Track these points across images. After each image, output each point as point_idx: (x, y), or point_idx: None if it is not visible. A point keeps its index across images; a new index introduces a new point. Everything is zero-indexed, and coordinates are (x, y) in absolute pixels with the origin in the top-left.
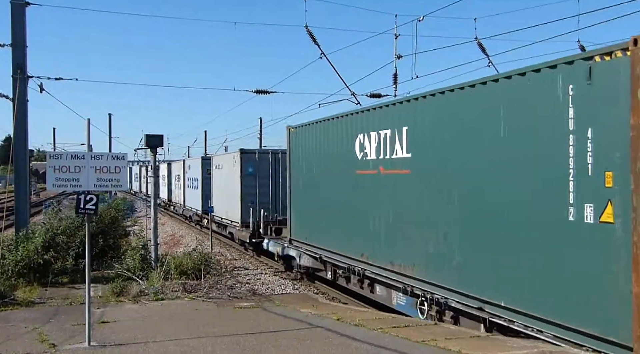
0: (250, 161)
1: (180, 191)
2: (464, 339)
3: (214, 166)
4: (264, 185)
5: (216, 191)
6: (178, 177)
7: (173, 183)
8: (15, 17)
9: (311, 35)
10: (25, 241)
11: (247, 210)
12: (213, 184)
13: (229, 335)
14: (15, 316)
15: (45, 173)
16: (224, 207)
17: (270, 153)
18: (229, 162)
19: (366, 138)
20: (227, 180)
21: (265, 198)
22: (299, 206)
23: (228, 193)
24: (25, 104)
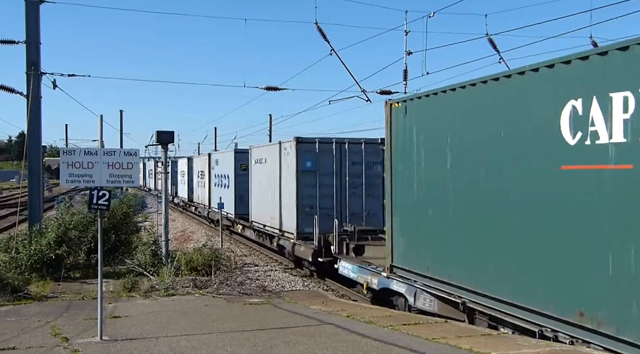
0: (309, 153)
1: (204, 191)
2: (475, 337)
3: (253, 160)
4: (326, 185)
5: (256, 192)
6: (201, 173)
7: (195, 180)
8: (29, 15)
9: (321, 31)
10: (39, 236)
11: (305, 218)
12: (252, 182)
13: (239, 331)
14: (28, 310)
15: (57, 168)
16: (268, 212)
17: (335, 143)
18: (275, 155)
19: (596, 107)
20: (273, 178)
21: (328, 202)
22: (409, 217)
23: (274, 194)
24: (39, 101)
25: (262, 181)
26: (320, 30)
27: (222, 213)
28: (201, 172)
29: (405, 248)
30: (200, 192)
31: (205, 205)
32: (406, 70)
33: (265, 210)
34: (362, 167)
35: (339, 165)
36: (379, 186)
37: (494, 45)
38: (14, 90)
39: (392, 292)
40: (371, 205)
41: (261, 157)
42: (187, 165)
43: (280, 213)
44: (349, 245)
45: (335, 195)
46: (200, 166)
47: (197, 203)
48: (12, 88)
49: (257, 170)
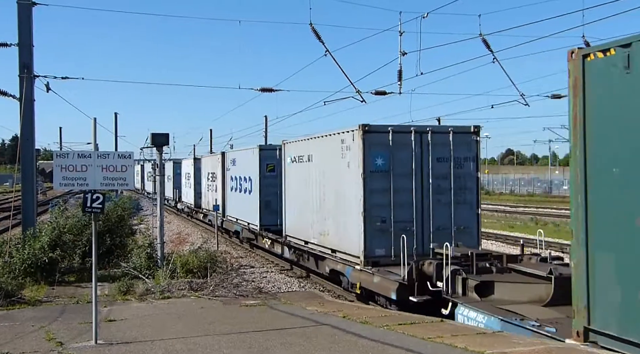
0: (380, 147)
1: (216, 196)
2: (470, 336)
3: (289, 158)
4: (404, 191)
5: (294, 198)
6: (212, 176)
7: (204, 184)
8: (22, 17)
9: (316, 32)
10: (33, 240)
11: (376, 235)
12: (287, 186)
13: (236, 333)
14: (22, 315)
15: (51, 172)
16: (313, 225)
17: (414, 133)
18: (327, 150)
19: None
20: (322, 180)
21: (406, 213)
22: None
23: (323, 201)
24: (32, 104)
25: (303, 184)
26: (314, 31)
27: (241, 222)
28: (212, 174)
29: (626, 299)
30: (211, 198)
31: (218, 213)
32: (401, 71)
33: (308, 222)
34: (449, 164)
35: (419, 163)
36: (473, 191)
37: (488, 45)
38: (6, 93)
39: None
40: (462, 216)
41: (302, 154)
42: (193, 166)
43: (334, 227)
44: (466, 281)
45: (415, 203)
46: (211, 167)
47: (206, 209)
48: (5, 92)
49: (295, 171)
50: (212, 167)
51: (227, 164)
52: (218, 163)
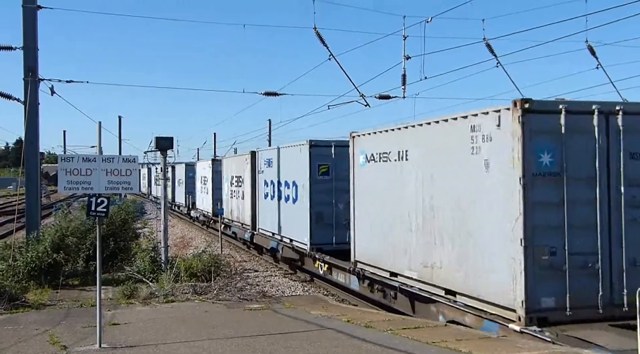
0: (546, 135)
1: (243, 205)
2: (474, 340)
3: (361, 156)
4: (582, 204)
5: (368, 212)
6: (237, 180)
7: (225, 189)
8: (27, 21)
9: (320, 37)
10: (36, 243)
11: (543, 275)
12: (358, 194)
13: (240, 337)
14: (26, 319)
15: (55, 175)
16: (401, 248)
17: (597, 114)
18: (436, 141)
19: None
20: (421, 186)
21: (588, 240)
22: None
23: (420, 217)
24: (37, 107)
25: (388, 192)
26: (318, 35)
27: (280, 238)
28: (237, 178)
29: None
30: (236, 206)
31: (246, 225)
32: (405, 75)
33: (399, 245)
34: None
35: (604, 160)
36: None
37: (492, 50)
38: (11, 97)
39: None
40: None
41: (388, 150)
42: (211, 169)
43: (454, 257)
44: None
45: (601, 224)
46: (236, 169)
47: (229, 220)
48: (10, 95)
49: (373, 174)
50: (237, 169)
51: (260, 165)
52: (246, 164)
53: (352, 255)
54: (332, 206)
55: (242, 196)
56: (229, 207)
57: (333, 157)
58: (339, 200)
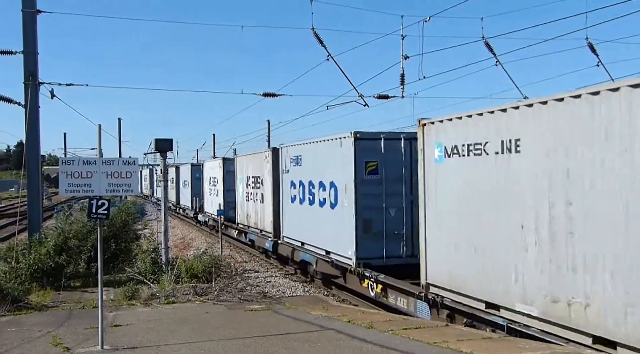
0: None
1: (263, 210)
2: (476, 340)
3: (437, 149)
4: None
5: (449, 222)
6: (254, 181)
7: (240, 191)
8: (27, 25)
9: (318, 37)
10: (38, 245)
11: None
12: (431, 198)
13: (240, 338)
14: (29, 320)
15: (56, 177)
16: (509, 272)
17: None
18: (574, 126)
19: None
20: (547, 186)
21: None
22: None
23: (546, 230)
24: (37, 110)
25: (482, 195)
26: (316, 36)
27: (315, 249)
28: (254, 179)
29: None
30: (253, 210)
31: (266, 232)
32: (403, 75)
33: (509, 270)
34: None
35: None
36: None
37: (490, 48)
38: (11, 101)
39: None
40: None
41: (480, 140)
42: (222, 169)
43: (624, 293)
44: None
45: None
46: (252, 169)
47: (244, 225)
48: (10, 99)
49: (456, 171)
50: (254, 168)
51: (284, 164)
52: (266, 163)
53: (423, 275)
54: (382, 212)
55: (262, 199)
56: (244, 211)
57: (382, 152)
58: (390, 205)
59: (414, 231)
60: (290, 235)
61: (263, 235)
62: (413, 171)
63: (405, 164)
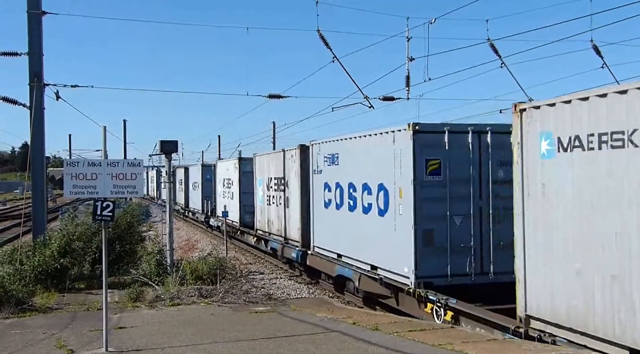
0: None
1: (288, 215)
2: (481, 342)
3: (544, 140)
4: None
5: (568, 238)
6: (279, 183)
7: (259, 194)
8: (32, 27)
9: (323, 39)
10: (43, 247)
11: None
12: (535, 204)
13: (245, 340)
14: (33, 322)
15: (61, 179)
16: None
17: None
18: None
19: None
20: None
21: None
22: None
23: None
24: (42, 112)
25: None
26: (322, 38)
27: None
28: (277, 181)
29: None
30: (276, 216)
31: (292, 241)
32: (408, 76)
33: None
34: None
35: None
36: None
37: (496, 50)
38: (17, 102)
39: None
40: None
41: (615, 129)
42: (238, 169)
43: None
44: None
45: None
46: (274, 170)
47: (263, 232)
48: (15, 100)
49: (579, 170)
50: (278, 169)
51: (316, 163)
52: (292, 162)
53: (521, 305)
54: (445, 222)
55: (286, 203)
56: (265, 217)
57: (446, 149)
58: (455, 212)
59: (483, 244)
60: (323, 244)
61: (288, 243)
62: (482, 171)
63: (473, 162)
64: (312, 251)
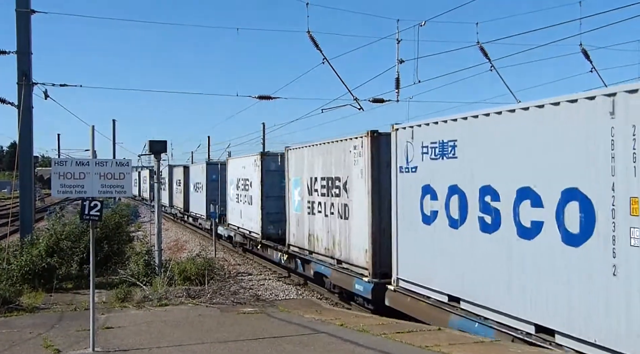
0: None
1: (347, 229)
2: (468, 344)
3: None
4: None
5: None
6: (329, 185)
7: (296, 200)
8: (20, 25)
9: (313, 40)
10: (30, 246)
11: None
12: None
13: (233, 341)
14: (20, 322)
15: (49, 178)
16: None
17: None
18: None
19: None
20: None
21: None
22: None
23: None
24: (30, 111)
25: None
26: (312, 39)
27: (515, 322)
28: (326, 182)
29: None
30: (323, 228)
31: (356, 266)
32: (398, 78)
33: None
34: None
35: None
36: None
37: (485, 53)
38: (4, 101)
39: None
40: None
41: None
42: (259, 168)
43: None
44: None
45: None
46: (321, 168)
47: (302, 250)
48: (3, 99)
49: None
50: (327, 166)
51: (406, 156)
52: (357, 157)
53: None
54: None
55: (344, 213)
56: (304, 229)
57: None
58: None
59: None
60: (418, 278)
61: (346, 269)
62: None
63: None
64: (395, 286)
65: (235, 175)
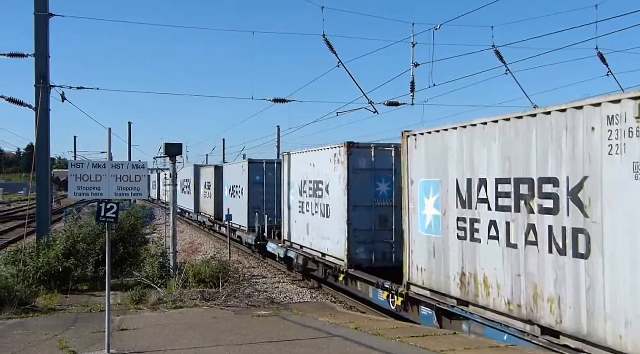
0: None
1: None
2: (483, 349)
3: None
4: None
5: None
6: (517, 194)
7: (429, 213)
8: (39, 29)
9: (329, 44)
10: (47, 248)
11: None
12: None
13: (247, 343)
14: (35, 323)
15: (66, 180)
16: None
17: None
18: None
19: None
20: None
21: None
22: None
23: None
24: (48, 113)
25: None
26: (327, 43)
27: None
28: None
29: None
30: (487, 258)
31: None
32: (413, 82)
33: None
34: None
35: None
36: None
37: (501, 57)
38: (22, 103)
39: None
40: None
41: None
42: (341, 166)
43: None
44: None
45: None
46: (478, 165)
47: (436, 295)
48: (21, 101)
49: None
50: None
51: None
52: (567, 146)
53: None
54: None
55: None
56: (449, 263)
57: None
58: None
59: None
60: None
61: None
62: None
63: None
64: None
65: (298, 176)
